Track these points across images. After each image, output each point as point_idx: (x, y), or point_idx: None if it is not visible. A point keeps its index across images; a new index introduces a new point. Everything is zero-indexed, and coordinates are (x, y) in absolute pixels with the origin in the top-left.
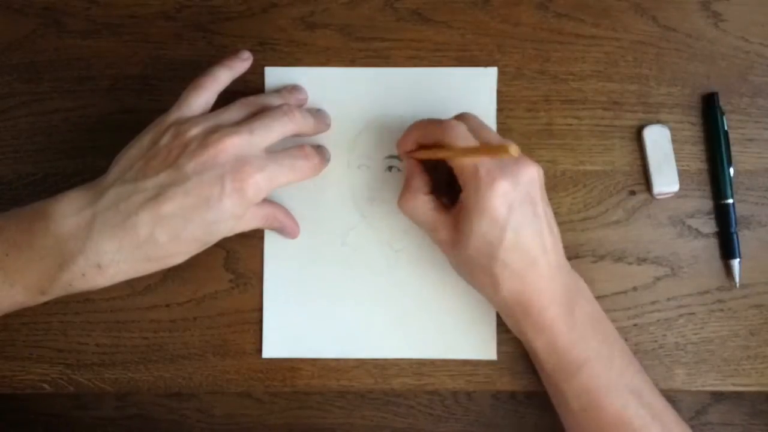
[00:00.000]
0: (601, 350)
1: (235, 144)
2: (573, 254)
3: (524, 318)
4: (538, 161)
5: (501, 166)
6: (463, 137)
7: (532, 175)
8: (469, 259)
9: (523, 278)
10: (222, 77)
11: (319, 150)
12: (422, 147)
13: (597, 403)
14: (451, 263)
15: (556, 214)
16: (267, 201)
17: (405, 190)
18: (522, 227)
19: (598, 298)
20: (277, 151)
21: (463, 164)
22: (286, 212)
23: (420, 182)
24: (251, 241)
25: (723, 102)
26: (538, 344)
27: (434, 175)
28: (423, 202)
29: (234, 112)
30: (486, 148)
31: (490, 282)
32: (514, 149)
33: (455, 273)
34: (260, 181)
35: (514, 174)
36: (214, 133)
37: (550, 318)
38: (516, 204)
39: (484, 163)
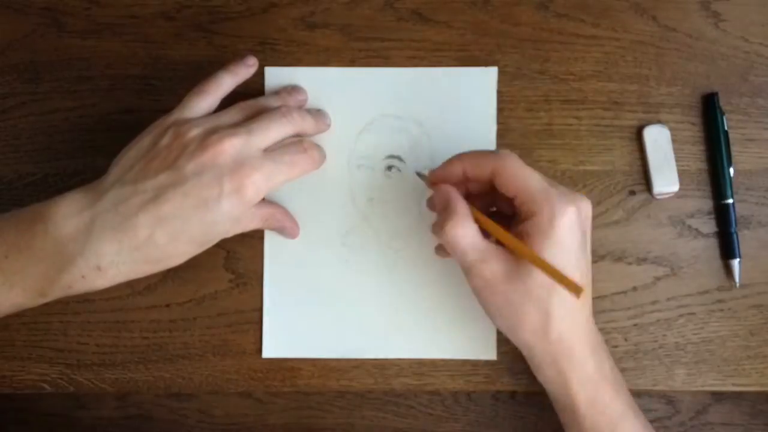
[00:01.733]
0: (629, 402)
1: (233, 145)
2: None
3: (567, 366)
4: (538, 161)
5: (567, 195)
6: (518, 165)
7: (589, 209)
8: (523, 294)
9: (574, 318)
10: (226, 83)
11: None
12: (468, 180)
13: None
14: (490, 300)
15: None
16: (266, 201)
17: (450, 215)
18: (581, 261)
19: (598, 298)
20: (275, 150)
21: (531, 189)
22: (286, 212)
23: (465, 208)
24: (251, 241)
25: (723, 102)
26: (580, 398)
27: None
28: (473, 230)
29: (233, 114)
30: (556, 271)
31: (539, 321)
32: (582, 293)
33: (455, 273)
34: (259, 181)
35: (579, 207)
36: (213, 134)
37: (592, 368)
38: (578, 236)
39: (554, 190)
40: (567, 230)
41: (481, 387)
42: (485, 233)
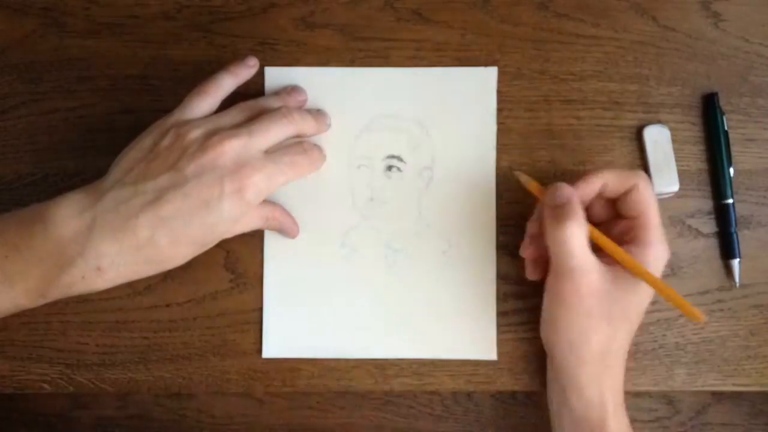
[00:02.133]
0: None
1: (234, 146)
2: None
3: (608, 387)
4: (538, 161)
5: (666, 244)
6: (652, 190)
7: (667, 259)
8: (607, 312)
9: (625, 343)
10: (226, 84)
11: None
12: (605, 199)
13: None
14: (562, 311)
15: None
16: (266, 201)
17: (571, 217)
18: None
19: None
20: (275, 151)
21: (654, 222)
22: (286, 212)
23: (583, 216)
24: (251, 241)
25: (723, 102)
26: (614, 422)
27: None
28: (585, 236)
29: (233, 115)
30: (680, 298)
31: (606, 343)
32: (703, 318)
33: (455, 273)
34: (259, 183)
35: (668, 255)
36: (213, 135)
37: (622, 385)
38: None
39: (663, 229)
40: (656, 270)
41: (481, 387)
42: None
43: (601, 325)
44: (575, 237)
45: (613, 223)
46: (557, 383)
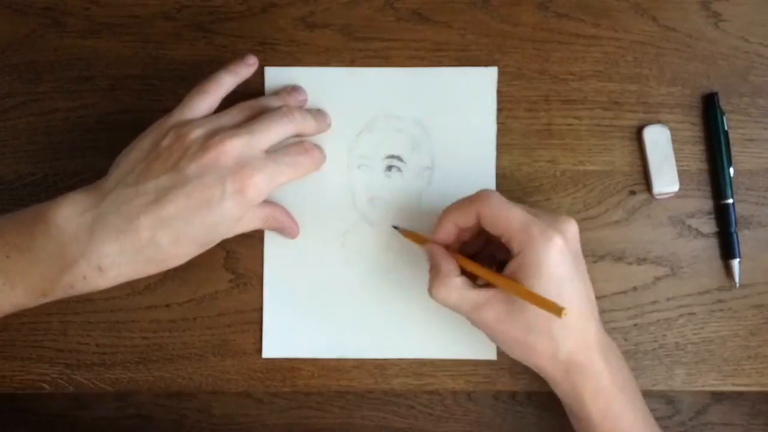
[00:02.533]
0: (644, 409)
1: (235, 146)
2: None
3: (581, 381)
4: (538, 161)
5: (550, 223)
6: (498, 205)
7: (575, 230)
8: (526, 327)
9: (580, 336)
10: (226, 83)
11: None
12: (461, 230)
13: None
14: (496, 339)
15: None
16: (267, 201)
17: (436, 277)
18: (577, 283)
19: (598, 298)
20: (276, 150)
21: (513, 227)
22: (286, 212)
23: (450, 265)
24: (251, 241)
25: (723, 102)
26: (595, 409)
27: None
28: (458, 285)
29: (234, 114)
30: (539, 298)
31: (549, 347)
32: (564, 312)
33: None
34: (260, 182)
35: (562, 231)
36: (214, 135)
37: (606, 379)
38: (570, 260)
39: (534, 222)
40: (555, 260)
41: (481, 387)
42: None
43: (529, 338)
44: (444, 296)
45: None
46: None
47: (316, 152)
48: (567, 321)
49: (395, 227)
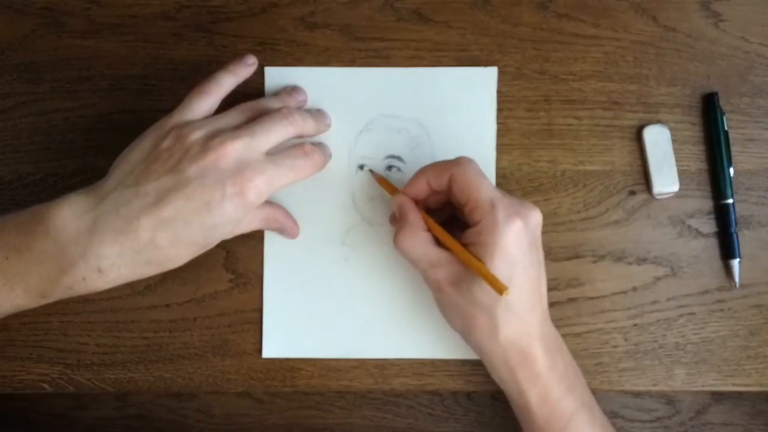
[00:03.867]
0: (585, 400)
1: (236, 148)
2: (573, 254)
3: (520, 366)
4: (538, 161)
5: (515, 206)
6: (473, 173)
7: (538, 219)
8: (469, 299)
9: (523, 322)
10: (226, 83)
11: (320, 147)
12: (433, 192)
13: None
14: (442, 304)
15: (556, 214)
16: (267, 202)
17: (402, 227)
18: (528, 269)
19: (599, 298)
20: (277, 152)
21: (480, 197)
22: (286, 213)
23: (417, 218)
24: (251, 241)
25: (723, 102)
26: (532, 395)
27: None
28: (423, 239)
29: (234, 116)
30: (486, 272)
31: (488, 325)
32: (506, 292)
33: None
34: (261, 185)
35: (524, 216)
36: (215, 137)
37: (544, 367)
38: (526, 245)
39: (501, 200)
40: (512, 240)
41: (481, 387)
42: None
43: (472, 309)
44: (409, 246)
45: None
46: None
47: (316, 155)
48: (510, 304)
49: (368, 169)
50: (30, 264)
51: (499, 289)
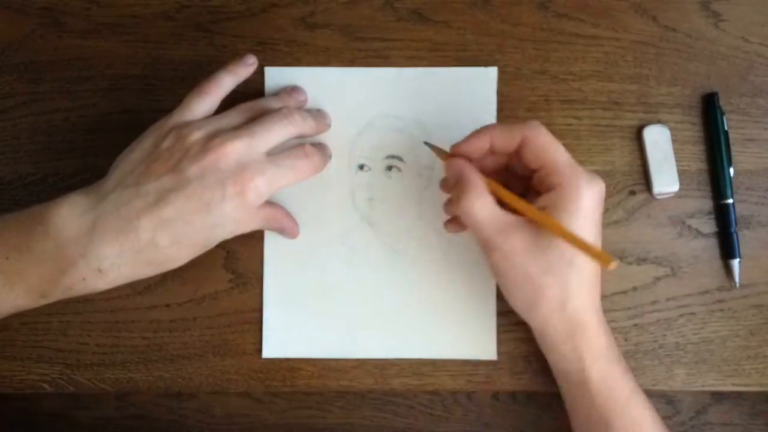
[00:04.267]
0: (635, 381)
1: (236, 148)
2: None
3: (583, 341)
4: None
5: (592, 174)
6: (548, 136)
7: (603, 189)
8: (544, 266)
9: (590, 293)
10: (226, 83)
11: (320, 148)
12: (493, 153)
13: None
14: (508, 275)
15: None
16: (267, 202)
17: (465, 188)
18: (598, 238)
19: None
20: (277, 153)
21: (560, 161)
22: (286, 213)
23: (480, 180)
24: (251, 241)
25: (723, 102)
26: (593, 371)
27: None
28: (489, 203)
29: (234, 116)
30: (582, 241)
31: (558, 296)
32: (614, 264)
33: (454, 273)
34: (261, 185)
35: (601, 186)
36: (215, 137)
37: (606, 342)
38: (599, 212)
39: (579, 165)
40: (593, 204)
41: (481, 387)
42: (503, 207)
43: (545, 279)
44: (477, 209)
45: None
46: (541, 347)
47: (316, 157)
48: (583, 274)
49: (426, 143)
50: (30, 264)
51: (606, 260)
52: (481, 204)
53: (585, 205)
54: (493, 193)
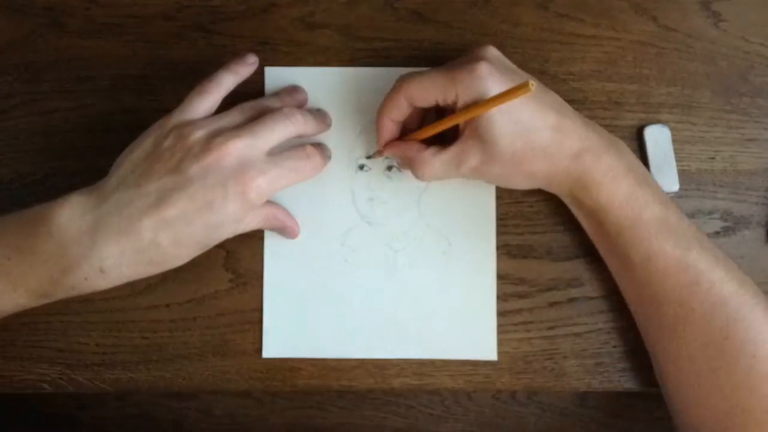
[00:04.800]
0: (657, 195)
1: (237, 148)
2: (573, 254)
3: (584, 173)
4: None
5: (466, 60)
6: (417, 76)
7: (494, 51)
8: (505, 152)
9: (563, 132)
10: (227, 82)
11: (320, 148)
12: (398, 123)
13: (661, 247)
14: (500, 178)
15: (556, 214)
16: (268, 202)
17: (413, 164)
18: (514, 82)
19: (599, 298)
20: (278, 153)
21: (438, 83)
22: (286, 212)
23: (414, 147)
24: (251, 241)
25: (723, 102)
26: (602, 197)
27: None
28: (432, 155)
29: (234, 116)
30: (501, 94)
31: (545, 161)
32: (531, 85)
33: (454, 273)
34: (262, 185)
35: (478, 58)
36: (216, 136)
37: (607, 164)
38: (502, 72)
39: (454, 65)
40: (489, 81)
41: (481, 387)
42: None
43: (520, 163)
44: (430, 168)
45: None
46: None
47: (317, 157)
48: (526, 121)
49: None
50: (32, 265)
51: (525, 88)
52: (429, 166)
53: (483, 88)
54: (425, 142)
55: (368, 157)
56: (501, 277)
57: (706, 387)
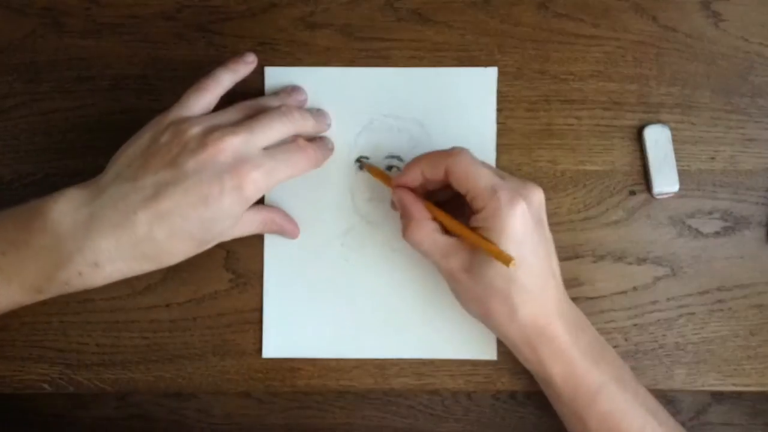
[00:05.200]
0: (613, 373)
1: (234, 143)
2: (573, 254)
3: (540, 345)
4: (537, 161)
5: (517, 189)
6: (468, 162)
7: (541, 198)
8: (485, 284)
9: (539, 301)
10: (225, 80)
11: (318, 142)
12: (426, 180)
13: (618, 426)
14: (458, 292)
15: (556, 214)
16: (264, 206)
17: (409, 220)
18: (537, 248)
19: (599, 298)
20: (273, 147)
21: (479, 186)
22: (284, 215)
23: (420, 209)
24: (251, 241)
25: (723, 102)
26: (556, 371)
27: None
28: (430, 229)
29: (232, 113)
30: (491, 246)
31: (506, 309)
32: (512, 264)
33: None
34: (258, 179)
35: (528, 196)
36: (213, 132)
37: (566, 343)
38: (531, 225)
39: (501, 185)
40: (517, 223)
41: (481, 387)
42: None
43: (487, 296)
44: (418, 240)
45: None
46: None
47: (311, 150)
48: (523, 284)
49: (362, 160)
50: (27, 259)
51: (505, 260)
52: (423, 234)
53: (508, 225)
54: (434, 217)
55: (360, 165)
56: None
57: None
